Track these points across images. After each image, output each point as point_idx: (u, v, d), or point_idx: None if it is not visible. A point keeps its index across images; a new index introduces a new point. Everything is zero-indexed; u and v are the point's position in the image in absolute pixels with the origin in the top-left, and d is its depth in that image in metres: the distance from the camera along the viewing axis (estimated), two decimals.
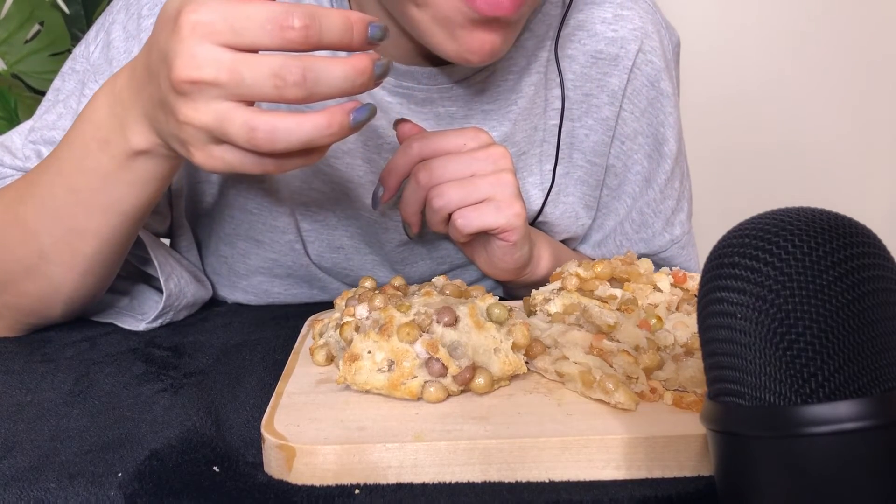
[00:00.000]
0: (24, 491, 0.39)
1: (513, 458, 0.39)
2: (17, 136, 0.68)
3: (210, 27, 0.40)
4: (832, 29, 2.06)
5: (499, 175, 0.61)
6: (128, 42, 0.67)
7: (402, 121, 0.66)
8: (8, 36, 1.85)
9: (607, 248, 0.81)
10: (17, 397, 0.51)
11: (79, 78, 0.69)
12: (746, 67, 2.03)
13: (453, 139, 0.63)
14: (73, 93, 0.69)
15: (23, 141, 0.68)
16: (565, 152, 0.75)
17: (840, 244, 0.30)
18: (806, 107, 2.09)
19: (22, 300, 0.61)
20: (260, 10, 0.40)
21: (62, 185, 0.55)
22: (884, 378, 0.29)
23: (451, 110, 0.70)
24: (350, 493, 0.39)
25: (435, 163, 0.62)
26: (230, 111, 0.42)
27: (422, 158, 0.63)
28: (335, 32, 0.41)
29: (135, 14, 0.67)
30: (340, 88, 0.42)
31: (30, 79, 1.86)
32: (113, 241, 0.58)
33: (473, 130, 0.63)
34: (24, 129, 0.69)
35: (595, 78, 0.74)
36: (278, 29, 0.40)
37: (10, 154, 0.67)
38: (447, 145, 0.63)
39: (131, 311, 0.67)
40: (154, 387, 0.52)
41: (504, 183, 0.61)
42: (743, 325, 0.31)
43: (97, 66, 0.68)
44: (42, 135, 0.67)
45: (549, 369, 0.47)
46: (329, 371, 0.50)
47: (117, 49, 0.67)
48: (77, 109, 0.67)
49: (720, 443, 0.32)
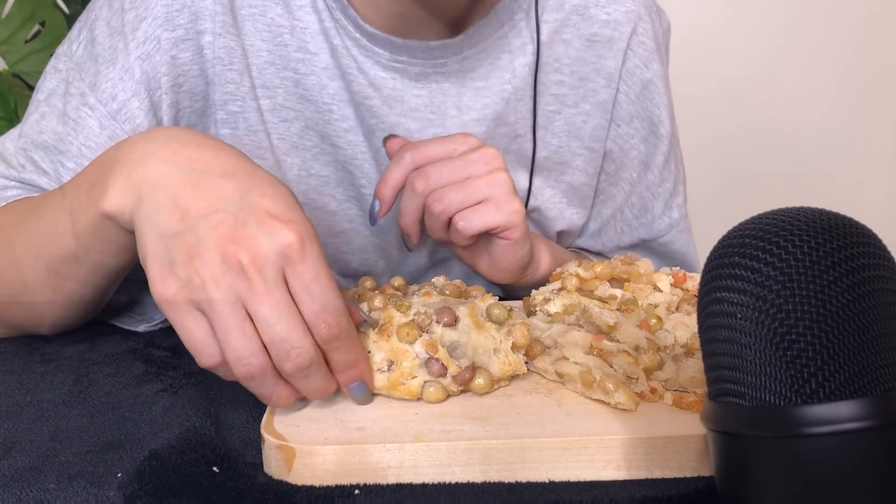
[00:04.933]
0: (24, 491, 0.39)
1: (513, 459, 0.39)
2: (10, 142, 0.67)
3: (295, 259, 0.42)
4: (833, 26, 2.06)
5: (493, 175, 0.62)
6: (112, 38, 0.65)
7: (391, 136, 0.67)
8: (9, 35, 1.85)
9: (607, 235, 0.81)
10: (16, 397, 0.51)
11: (62, 77, 0.67)
12: (746, 67, 2.03)
13: (444, 145, 0.63)
14: (54, 92, 0.67)
15: (14, 148, 0.67)
16: (564, 140, 0.76)
17: (840, 244, 0.30)
18: (806, 106, 2.09)
19: (10, 318, 0.61)
20: (327, 294, 0.42)
21: (49, 223, 0.54)
22: (884, 378, 0.29)
23: (445, 87, 0.70)
24: (350, 493, 0.38)
25: (430, 169, 0.62)
26: (242, 325, 0.41)
27: (415, 167, 0.64)
28: (339, 361, 0.43)
29: (118, 9, 0.65)
30: (309, 391, 0.43)
31: (30, 78, 1.86)
32: (92, 289, 0.57)
33: (461, 135, 0.64)
34: (14, 134, 0.68)
35: (591, 61, 0.74)
36: (322, 312, 0.42)
37: (4, 163, 0.67)
38: (439, 151, 0.63)
39: (131, 311, 0.67)
40: (154, 387, 0.52)
41: (500, 182, 0.62)
42: (743, 325, 0.31)
43: (81, 63, 0.66)
44: (32, 139, 0.66)
45: (549, 370, 0.47)
46: None
47: (102, 45, 0.65)
48: (63, 110, 0.65)
49: (720, 443, 0.32)
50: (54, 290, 0.57)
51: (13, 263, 0.57)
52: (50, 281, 0.56)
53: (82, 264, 0.54)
